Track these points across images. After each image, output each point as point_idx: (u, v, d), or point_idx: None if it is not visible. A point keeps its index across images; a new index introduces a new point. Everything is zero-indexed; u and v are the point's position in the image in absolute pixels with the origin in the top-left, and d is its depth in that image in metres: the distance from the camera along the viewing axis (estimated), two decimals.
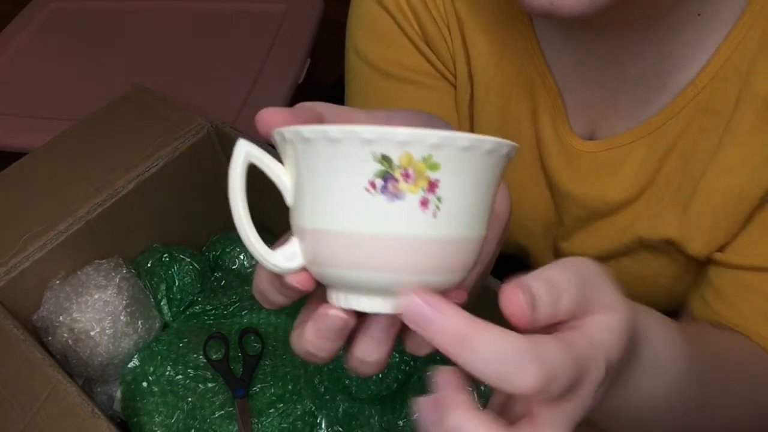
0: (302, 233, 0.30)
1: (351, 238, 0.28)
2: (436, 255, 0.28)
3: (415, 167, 0.27)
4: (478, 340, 0.25)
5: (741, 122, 0.47)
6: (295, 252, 0.30)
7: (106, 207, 0.72)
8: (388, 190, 0.27)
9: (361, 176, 0.27)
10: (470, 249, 0.30)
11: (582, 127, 0.55)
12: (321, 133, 0.27)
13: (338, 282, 0.29)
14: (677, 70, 0.49)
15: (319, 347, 0.31)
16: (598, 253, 0.57)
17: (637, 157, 0.52)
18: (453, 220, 0.28)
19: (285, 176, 0.30)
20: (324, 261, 0.29)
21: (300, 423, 0.68)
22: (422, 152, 0.27)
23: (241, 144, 0.30)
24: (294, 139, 0.28)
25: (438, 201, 0.27)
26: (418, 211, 0.27)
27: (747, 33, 0.45)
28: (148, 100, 0.84)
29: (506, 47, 0.55)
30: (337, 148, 0.27)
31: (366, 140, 0.27)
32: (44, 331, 0.70)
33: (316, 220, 0.29)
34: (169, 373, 0.71)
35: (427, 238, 0.28)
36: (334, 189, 0.28)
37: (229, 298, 0.78)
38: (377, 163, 0.27)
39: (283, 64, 1.15)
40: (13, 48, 1.27)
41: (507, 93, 0.57)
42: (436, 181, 0.27)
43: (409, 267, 0.28)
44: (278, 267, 0.30)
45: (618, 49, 0.50)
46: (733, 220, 0.49)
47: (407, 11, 0.57)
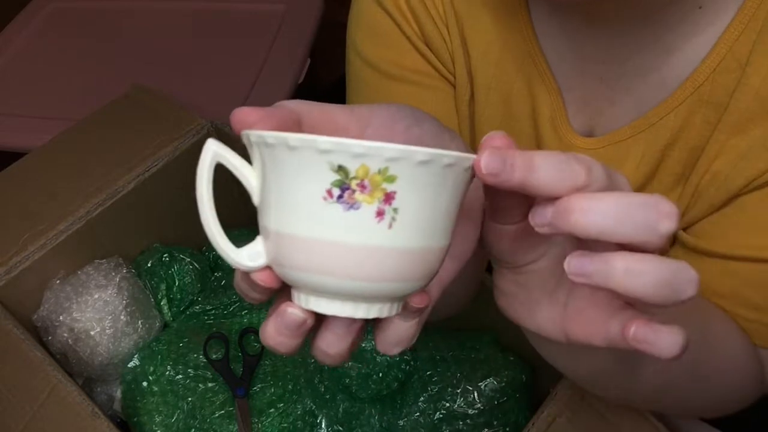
0: (267, 233, 0.30)
1: (308, 243, 0.28)
2: (391, 265, 0.28)
3: (371, 179, 0.27)
4: (540, 160, 0.28)
5: (733, 111, 0.47)
6: (260, 251, 0.31)
7: (106, 207, 0.72)
8: (345, 199, 0.27)
9: (318, 185, 0.27)
10: (429, 259, 0.30)
11: (581, 124, 0.55)
12: (281, 139, 0.27)
13: (299, 284, 0.30)
14: (676, 63, 0.49)
15: (278, 342, 0.32)
16: None
17: (636, 152, 0.52)
18: (409, 232, 0.28)
19: (252, 177, 0.30)
20: (285, 263, 0.29)
21: (300, 422, 0.68)
22: (378, 165, 0.27)
23: (209, 144, 0.30)
24: (258, 142, 0.29)
25: (394, 212, 0.28)
26: (373, 221, 0.28)
27: (747, 24, 0.45)
28: (148, 100, 0.84)
29: (505, 46, 0.55)
30: (296, 155, 0.27)
31: (323, 151, 0.27)
32: (44, 331, 0.70)
33: (278, 223, 0.29)
34: (170, 373, 0.71)
35: (382, 247, 0.28)
36: (294, 195, 0.28)
37: (229, 298, 0.78)
38: (334, 173, 0.27)
39: (283, 64, 1.15)
40: (13, 48, 1.27)
41: (507, 92, 0.57)
42: (392, 193, 0.27)
43: (364, 275, 0.28)
44: (242, 265, 0.31)
45: (617, 45, 0.50)
46: (710, 203, 0.50)
47: (406, 12, 0.57)
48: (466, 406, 0.65)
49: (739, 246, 0.49)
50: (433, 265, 0.30)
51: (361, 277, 0.28)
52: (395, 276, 0.29)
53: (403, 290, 0.30)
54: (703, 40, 0.48)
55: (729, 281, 0.50)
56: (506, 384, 0.66)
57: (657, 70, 0.50)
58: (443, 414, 0.66)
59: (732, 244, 0.49)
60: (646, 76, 0.51)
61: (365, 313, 0.30)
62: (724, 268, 0.50)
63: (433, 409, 0.66)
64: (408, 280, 0.29)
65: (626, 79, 0.52)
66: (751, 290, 0.50)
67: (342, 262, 0.28)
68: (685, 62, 0.49)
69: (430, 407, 0.66)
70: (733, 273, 0.50)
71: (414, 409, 0.67)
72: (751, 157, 0.47)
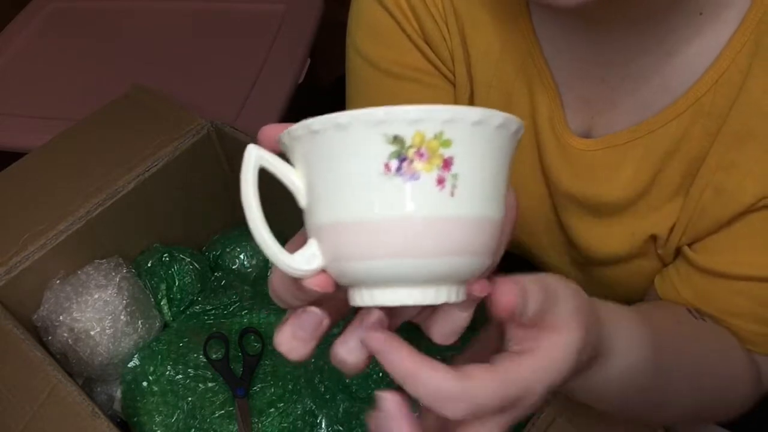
0: (319, 231, 0.29)
1: (370, 224, 0.27)
2: (457, 235, 0.28)
3: (428, 146, 0.26)
4: (424, 378, 0.29)
5: (733, 123, 0.47)
6: (314, 253, 0.29)
7: (106, 207, 0.72)
8: (404, 170, 0.27)
9: (374, 160, 0.27)
10: (491, 230, 0.29)
11: (580, 124, 0.55)
12: (329, 121, 0.27)
13: (361, 277, 0.29)
14: (680, 69, 0.49)
15: (292, 347, 0.32)
16: (610, 256, 0.57)
17: (634, 157, 0.52)
18: (471, 198, 0.28)
19: (296, 178, 0.30)
20: (345, 255, 0.28)
21: (300, 422, 0.68)
22: (434, 129, 0.26)
23: (250, 149, 0.30)
24: (303, 134, 0.28)
25: (454, 179, 0.27)
26: (435, 190, 0.27)
27: (750, 36, 0.45)
28: (148, 100, 0.84)
29: (505, 45, 0.55)
30: (347, 134, 0.27)
31: (377, 122, 0.26)
32: (44, 331, 0.70)
33: (332, 214, 0.28)
34: (170, 373, 0.71)
35: (447, 216, 0.27)
36: (349, 177, 0.27)
37: (229, 298, 0.78)
38: (390, 145, 0.26)
39: (283, 64, 1.15)
40: (13, 48, 1.27)
41: (507, 91, 0.57)
42: (450, 159, 0.27)
43: (431, 249, 0.27)
44: (298, 270, 0.29)
45: (619, 47, 0.50)
46: (716, 220, 0.49)
47: (407, 10, 0.57)
48: None
49: (747, 265, 0.49)
50: (493, 238, 0.30)
51: (428, 253, 0.28)
52: (461, 248, 0.28)
53: (468, 267, 0.29)
54: (705, 48, 0.47)
55: (739, 301, 0.51)
56: None
57: (659, 73, 0.50)
58: None
59: (740, 262, 0.49)
60: (648, 79, 0.50)
61: (434, 297, 0.29)
62: (733, 288, 0.50)
63: None
64: (473, 253, 0.29)
65: (629, 81, 0.51)
66: (761, 308, 0.50)
67: (408, 238, 0.27)
68: (688, 68, 0.48)
69: None
70: (742, 293, 0.50)
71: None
72: (759, 175, 0.46)
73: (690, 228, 0.52)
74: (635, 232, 0.54)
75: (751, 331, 0.51)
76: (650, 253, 0.56)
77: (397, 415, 0.31)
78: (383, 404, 0.31)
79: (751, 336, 0.52)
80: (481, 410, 0.30)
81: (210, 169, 0.81)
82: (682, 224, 0.52)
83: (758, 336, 0.52)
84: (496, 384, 0.30)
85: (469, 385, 0.29)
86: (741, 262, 0.49)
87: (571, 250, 0.61)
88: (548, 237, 0.62)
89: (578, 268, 0.63)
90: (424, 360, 0.29)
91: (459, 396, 0.29)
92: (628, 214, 0.54)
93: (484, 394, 0.30)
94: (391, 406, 0.31)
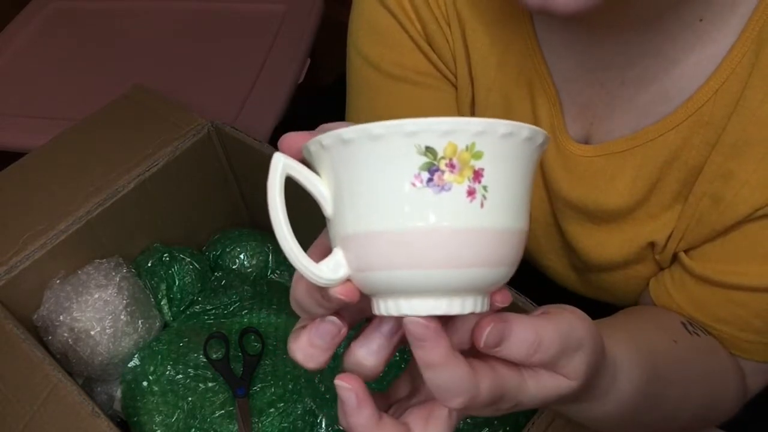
0: (346, 241, 0.29)
1: (399, 235, 0.27)
2: (486, 246, 0.28)
3: (459, 157, 0.27)
4: (444, 368, 0.29)
5: (731, 133, 0.47)
6: (339, 262, 0.30)
7: (106, 207, 0.72)
8: (435, 182, 0.27)
9: (406, 171, 0.27)
10: (516, 241, 0.29)
11: (579, 130, 0.55)
12: (362, 131, 0.27)
13: (387, 287, 0.29)
14: (679, 77, 0.49)
15: (308, 355, 0.32)
16: (608, 261, 0.57)
17: (632, 165, 0.52)
18: (500, 210, 0.28)
19: (323, 186, 0.30)
20: (371, 265, 0.28)
21: (300, 422, 0.68)
22: (466, 141, 0.27)
23: (278, 157, 0.29)
24: (333, 143, 0.28)
25: (484, 190, 0.27)
26: (465, 201, 0.27)
27: (750, 47, 0.45)
28: (148, 100, 0.84)
29: (507, 48, 0.55)
30: (379, 144, 0.27)
31: (409, 133, 0.26)
32: (44, 331, 0.70)
33: (361, 224, 0.28)
34: (170, 373, 0.71)
35: (477, 228, 0.28)
36: (379, 187, 0.27)
37: (230, 298, 0.78)
38: (422, 156, 0.27)
39: (283, 64, 1.15)
40: (13, 48, 1.27)
41: (508, 94, 0.56)
42: (480, 170, 0.27)
43: (460, 260, 0.28)
44: (324, 279, 0.29)
45: (619, 52, 0.50)
46: (712, 228, 0.50)
47: (409, 10, 0.57)
48: None
49: (742, 274, 0.49)
50: (518, 249, 0.30)
51: (456, 264, 0.28)
52: (489, 259, 0.28)
53: (494, 277, 0.29)
54: (705, 56, 0.47)
55: (732, 309, 0.51)
56: None
57: (659, 80, 0.50)
58: None
59: (735, 271, 0.49)
60: (648, 85, 0.50)
61: (460, 308, 0.29)
62: (726, 296, 0.51)
63: None
64: (500, 264, 0.29)
65: (628, 87, 0.51)
66: (753, 317, 0.50)
67: (436, 249, 0.27)
68: (688, 77, 0.48)
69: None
70: (735, 301, 0.50)
71: None
72: (756, 185, 0.46)
73: (687, 235, 0.52)
74: (633, 239, 0.54)
75: (741, 338, 0.52)
76: (648, 259, 0.56)
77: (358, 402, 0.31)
78: (341, 393, 0.31)
79: (741, 343, 0.52)
80: (473, 407, 0.31)
81: (210, 169, 0.81)
82: (679, 232, 0.52)
83: (749, 344, 0.52)
84: (497, 381, 0.31)
85: (477, 380, 0.30)
86: (736, 271, 0.49)
87: (569, 255, 0.61)
88: (547, 241, 0.62)
89: (577, 273, 0.63)
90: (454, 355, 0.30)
91: (465, 390, 0.30)
92: (626, 222, 0.54)
93: (485, 390, 0.31)
94: (348, 395, 0.31)
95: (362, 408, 0.31)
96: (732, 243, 0.50)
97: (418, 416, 0.33)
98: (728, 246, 0.50)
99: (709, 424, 0.55)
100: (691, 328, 0.52)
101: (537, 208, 0.60)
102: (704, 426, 0.55)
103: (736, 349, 0.53)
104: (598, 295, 0.63)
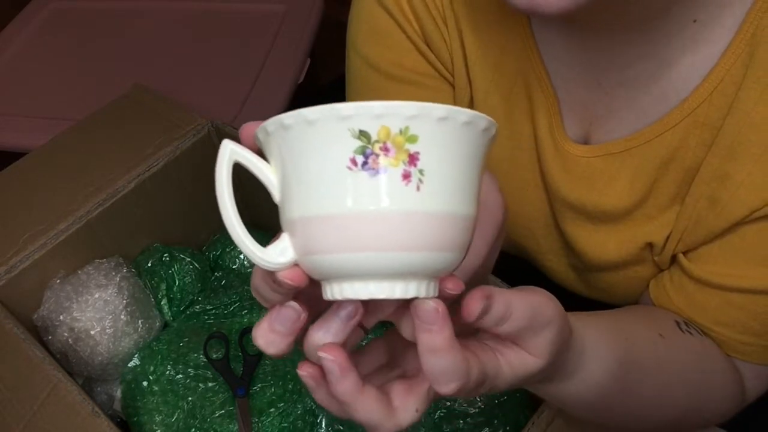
0: (291, 226, 0.30)
1: (338, 218, 0.28)
2: (424, 230, 0.28)
3: (393, 140, 0.27)
4: (447, 353, 0.30)
5: (726, 135, 0.47)
6: (286, 247, 0.30)
7: (106, 207, 0.72)
8: (369, 165, 0.27)
9: (341, 155, 0.27)
10: (460, 226, 0.29)
11: (578, 130, 0.55)
12: (299, 116, 0.27)
13: (331, 271, 0.29)
14: (676, 78, 0.49)
15: (269, 340, 0.32)
16: (607, 262, 0.57)
17: (631, 166, 0.52)
18: (438, 194, 0.28)
19: (271, 172, 0.30)
20: (314, 249, 0.29)
21: (300, 422, 0.68)
22: (399, 125, 0.27)
23: (225, 143, 0.30)
24: (276, 129, 0.29)
25: (420, 174, 0.27)
26: (400, 185, 0.27)
27: (745, 48, 0.45)
28: (148, 100, 0.84)
29: (504, 49, 0.55)
30: (316, 129, 0.27)
31: (344, 117, 0.27)
32: (44, 330, 0.70)
33: (302, 208, 0.29)
34: (170, 373, 0.71)
35: (413, 211, 0.28)
36: (317, 172, 0.28)
37: (230, 298, 0.78)
38: (356, 140, 0.27)
39: (283, 64, 1.15)
40: (13, 48, 1.27)
41: (506, 95, 0.56)
42: (416, 154, 0.27)
43: (398, 243, 0.28)
44: (269, 263, 0.30)
45: (616, 52, 0.50)
46: (709, 230, 0.50)
47: (408, 11, 0.57)
48: (466, 405, 0.65)
49: (741, 277, 0.49)
50: (463, 235, 0.30)
51: (395, 247, 0.28)
52: (428, 243, 0.28)
53: (437, 262, 0.29)
54: (700, 57, 0.47)
55: (730, 312, 0.51)
56: None
57: (656, 81, 0.50)
58: (443, 413, 0.66)
59: (734, 274, 0.49)
60: (645, 86, 0.50)
61: (403, 291, 0.29)
62: (725, 299, 0.51)
63: (433, 407, 0.66)
64: (441, 249, 0.29)
65: (625, 88, 0.51)
66: (751, 319, 0.50)
67: (374, 232, 0.28)
68: (684, 77, 0.48)
69: (430, 406, 0.66)
70: (733, 304, 0.50)
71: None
72: (752, 187, 0.46)
73: (685, 237, 0.52)
74: (631, 240, 0.54)
75: (739, 341, 0.52)
76: (647, 260, 0.56)
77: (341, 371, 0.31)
78: (325, 364, 0.31)
79: (740, 346, 0.52)
80: (464, 391, 0.32)
81: (210, 169, 0.80)
82: (677, 233, 0.52)
83: (747, 346, 0.52)
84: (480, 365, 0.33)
85: (469, 366, 0.31)
86: (734, 274, 0.49)
87: (569, 255, 0.61)
88: (547, 241, 0.62)
89: (576, 273, 0.63)
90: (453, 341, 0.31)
91: (461, 376, 0.31)
92: (625, 222, 0.54)
93: (474, 373, 0.32)
94: (331, 365, 0.31)
95: (345, 377, 0.31)
96: (730, 245, 0.50)
97: (398, 389, 0.34)
98: (726, 248, 0.50)
99: (701, 425, 0.55)
100: (684, 327, 0.52)
101: (536, 208, 0.60)
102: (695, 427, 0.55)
103: (734, 351, 0.53)
104: (598, 295, 0.63)
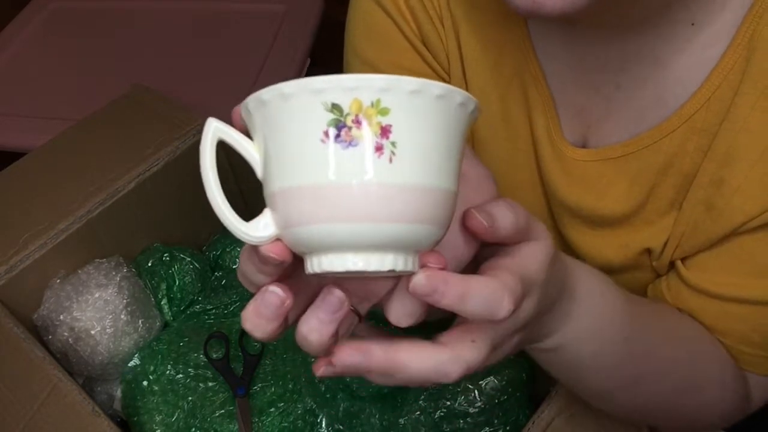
0: (272, 199, 0.30)
1: (313, 190, 0.28)
2: (397, 202, 0.28)
3: (365, 113, 0.27)
4: (470, 295, 0.30)
5: (722, 141, 0.46)
6: (267, 221, 0.30)
7: (106, 206, 0.72)
8: (342, 138, 0.27)
9: (315, 127, 0.28)
10: (436, 200, 0.29)
11: (575, 133, 0.54)
12: (275, 90, 0.28)
13: (309, 243, 0.29)
14: (673, 83, 0.48)
15: (256, 324, 0.32)
16: (605, 266, 0.56)
17: (628, 171, 0.52)
18: (411, 166, 0.28)
19: (253, 149, 0.31)
20: (292, 221, 0.29)
21: (300, 422, 0.68)
22: (371, 97, 0.27)
23: (210, 121, 0.31)
24: (255, 105, 0.29)
25: (392, 146, 0.28)
26: (373, 156, 0.27)
27: (741, 54, 0.45)
28: (148, 100, 0.84)
29: (502, 50, 0.55)
30: (290, 103, 0.28)
31: (316, 90, 0.27)
32: (45, 330, 0.70)
33: (281, 181, 0.29)
34: (170, 372, 0.71)
35: (386, 183, 0.28)
36: (293, 145, 0.28)
37: (230, 298, 0.78)
38: (329, 113, 0.27)
39: (283, 64, 1.15)
40: (13, 48, 1.27)
41: (503, 96, 0.56)
42: (388, 126, 0.27)
43: (371, 215, 0.28)
44: (252, 237, 0.30)
45: (613, 55, 0.50)
46: (707, 237, 0.49)
47: (405, 11, 0.57)
48: (466, 405, 0.65)
49: (738, 287, 0.49)
50: (441, 209, 0.30)
51: (368, 218, 0.28)
52: (401, 215, 0.28)
53: (411, 235, 0.29)
54: (697, 61, 0.47)
55: (729, 322, 0.51)
56: (507, 383, 0.66)
57: (653, 85, 0.49)
58: (444, 412, 0.66)
59: (731, 284, 0.49)
60: (642, 89, 0.50)
61: (379, 264, 0.29)
62: (723, 309, 0.50)
63: (433, 407, 0.66)
64: (415, 221, 0.29)
65: (623, 91, 0.51)
66: (750, 331, 0.50)
67: (348, 204, 0.28)
68: (682, 82, 0.48)
69: (430, 405, 0.66)
70: (732, 315, 0.50)
71: (414, 408, 0.67)
72: (748, 193, 0.46)
73: (683, 243, 0.51)
74: (629, 245, 0.54)
75: (740, 351, 0.51)
76: (645, 266, 0.55)
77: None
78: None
79: (741, 355, 0.52)
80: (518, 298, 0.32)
81: None
82: (675, 239, 0.52)
83: (748, 356, 0.51)
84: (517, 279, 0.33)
85: (506, 283, 0.32)
86: (732, 283, 0.49)
87: None
88: None
89: None
90: (470, 278, 0.31)
91: (505, 294, 0.31)
92: (623, 227, 0.54)
93: (520, 288, 0.32)
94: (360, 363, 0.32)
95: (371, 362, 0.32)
96: (728, 254, 0.49)
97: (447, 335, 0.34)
98: (724, 257, 0.49)
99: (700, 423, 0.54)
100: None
101: (534, 210, 0.60)
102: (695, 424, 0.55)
103: (738, 361, 0.52)
104: None
